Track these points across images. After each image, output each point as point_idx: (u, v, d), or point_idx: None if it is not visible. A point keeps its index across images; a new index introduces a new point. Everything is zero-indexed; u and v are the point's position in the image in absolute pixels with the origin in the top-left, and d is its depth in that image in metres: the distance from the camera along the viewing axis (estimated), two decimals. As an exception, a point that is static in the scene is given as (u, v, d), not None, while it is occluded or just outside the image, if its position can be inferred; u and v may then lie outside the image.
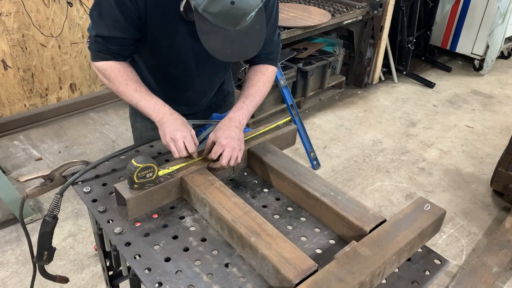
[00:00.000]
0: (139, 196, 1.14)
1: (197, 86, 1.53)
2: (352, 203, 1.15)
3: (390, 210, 2.82)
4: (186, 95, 1.56)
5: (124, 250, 1.07)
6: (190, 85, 1.52)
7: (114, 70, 1.32)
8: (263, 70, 1.49)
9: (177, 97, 1.55)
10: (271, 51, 1.50)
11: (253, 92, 1.43)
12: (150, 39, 1.33)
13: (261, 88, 1.45)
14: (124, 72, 1.33)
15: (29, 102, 3.58)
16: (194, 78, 1.49)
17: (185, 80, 1.49)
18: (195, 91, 1.56)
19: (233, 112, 1.37)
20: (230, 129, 1.30)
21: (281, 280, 0.94)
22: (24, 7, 3.21)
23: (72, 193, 2.74)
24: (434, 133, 3.77)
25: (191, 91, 1.55)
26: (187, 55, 1.39)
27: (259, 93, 1.44)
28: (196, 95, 1.58)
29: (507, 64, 5.26)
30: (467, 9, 4.76)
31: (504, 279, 2.32)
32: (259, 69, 1.49)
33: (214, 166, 1.27)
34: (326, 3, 4.05)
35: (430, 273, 1.04)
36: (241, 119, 1.36)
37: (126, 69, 1.34)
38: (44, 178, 1.27)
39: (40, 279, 1.39)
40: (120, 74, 1.32)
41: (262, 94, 1.45)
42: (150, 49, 1.37)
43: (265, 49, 1.44)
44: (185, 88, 1.53)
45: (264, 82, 1.47)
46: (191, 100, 1.60)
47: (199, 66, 1.45)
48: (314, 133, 3.65)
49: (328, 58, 3.90)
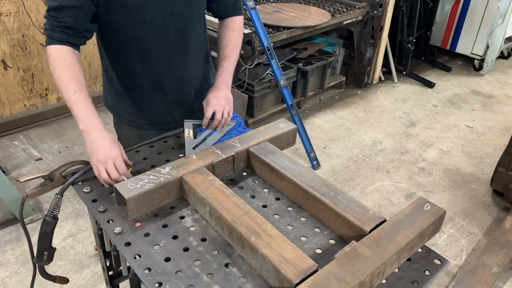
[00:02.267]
0: (139, 196, 1.14)
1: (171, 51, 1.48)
2: (352, 203, 1.15)
3: (390, 210, 2.82)
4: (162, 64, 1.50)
5: (124, 250, 1.07)
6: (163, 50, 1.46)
7: (62, 60, 1.26)
8: (231, 24, 1.58)
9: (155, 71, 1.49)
10: (234, 1, 1.57)
11: (228, 52, 1.54)
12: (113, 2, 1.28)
13: (234, 45, 1.57)
14: (70, 68, 1.27)
15: (29, 102, 3.58)
16: (166, 41, 1.44)
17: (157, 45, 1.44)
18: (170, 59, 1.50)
19: (216, 79, 1.51)
20: (217, 92, 1.45)
21: (281, 280, 0.94)
22: (24, 7, 3.21)
23: (72, 193, 2.74)
24: (434, 133, 3.77)
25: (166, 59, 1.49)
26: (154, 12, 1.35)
27: (233, 50, 1.56)
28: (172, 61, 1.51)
29: (507, 64, 5.26)
30: (467, 9, 4.76)
31: (504, 279, 2.32)
32: (228, 24, 1.58)
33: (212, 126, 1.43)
34: (326, 3, 4.05)
35: (430, 273, 1.04)
36: (226, 81, 1.50)
37: (73, 63, 1.28)
38: (44, 178, 1.27)
39: (40, 279, 1.39)
40: (65, 68, 1.26)
41: (237, 50, 1.57)
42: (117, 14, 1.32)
43: (228, 1, 1.54)
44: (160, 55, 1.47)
45: (236, 37, 1.58)
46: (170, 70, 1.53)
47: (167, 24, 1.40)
48: (314, 133, 3.65)
49: (328, 58, 3.91)
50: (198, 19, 1.51)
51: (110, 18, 1.33)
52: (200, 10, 1.51)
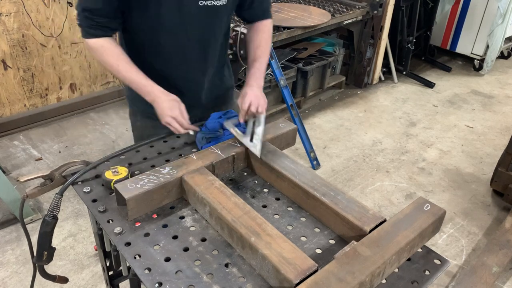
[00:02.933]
0: (139, 196, 1.14)
1: (189, 55, 1.51)
2: (352, 203, 1.15)
3: (390, 210, 2.82)
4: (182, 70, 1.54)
5: (124, 250, 1.07)
6: (181, 54, 1.50)
7: (105, 49, 1.37)
8: (261, 27, 1.60)
9: (173, 74, 1.53)
10: (265, 7, 1.61)
11: (260, 53, 1.56)
12: (135, 10, 1.34)
13: (265, 46, 1.59)
14: (114, 53, 1.38)
15: (29, 102, 3.58)
16: (185, 46, 1.48)
17: (177, 51, 1.48)
18: (189, 63, 1.53)
19: (249, 79, 1.52)
20: (251, 88, 1.46)
21: (281, 280, 0.94)
22: (24, 7, 3.21)
23: (72, 193, 2.74)
24: (434, 133, 3.77)
25: (186, 64, 1.52)
26: (173, 21, 1.39)
27: (265, 52, 1.58)
28: (192, 68, 1.55)
29: (507, 64, 5.26)
30: (467, 9, 4.77)
31: (504, 279, 2.32)
32: (258, 27, 1.61)
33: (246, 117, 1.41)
34: (326, 3, 4.05)
35: (430, 273, 1.04)
36: (258, 81, 1.51)
37: (115, 50, 1.38)
38: (44, 178, 1.27)
39: (40, 279, 1.39)
40: (111, 54, 1.37)
41: (267, 52, 1.60)
42: (138, 20, 1.38)
43: (259, 8, 1.59)
44: (178, 60, 1.50)
45: (266, 39, 1.60)
46: (188, 76, 1.57)
47: (187, 33, 1.44)
48: (314, 133, 3.65)
49: (328, 58, 3.91)
50: (219, 29, 1.54)
51: (131, 22, 1.40)
52: (223, 21, 1.52)
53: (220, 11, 1.45)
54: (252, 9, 1.57)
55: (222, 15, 1.48)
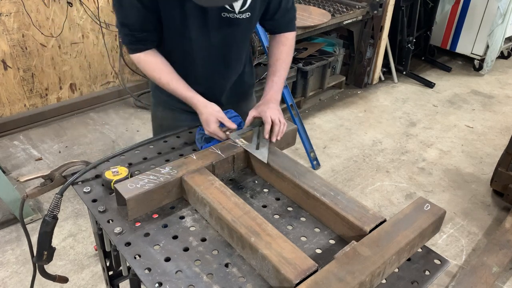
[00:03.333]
0: (139, 196, 1.14)
1: (211, 62, 1.54)
2: (352, 203, 1.15)
3: (390, 210, 2.82)
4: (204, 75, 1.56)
5: (124, 250, 1.07)
6: (204, 61, 1.53)
7: (146, 63, 1.42)
8: (284, 40, 1.59)
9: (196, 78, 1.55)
10: (289, 19, 1.58)
11: (279, 67, 1.55)
12: (164, 18, 1.37)
13: (285, 60, 1.57)
14: (157, 66, 1.42)
15: (29, 102, 3.58)
16: (208, 54, 1.50)
17: (200, 58, 1.51)
18: (211, 69, 1.56)
19: (266, 93, 1.51)
20: (268, 104, 1.43)
21: (281, 280, 0.94)
22: (24, 7, 3.21)
23: (72, 193, 2.74)
24: (434, 133, 3.77)
25: (208, 70, 1.55)
26: (197, 31, 1.41)
27: (284, 66, 1.56)
28: (213, 74, 1.58)
29: (507, 64, 5.26)
30: (467, 9, 4.76)
31: (504, 279, 2.32)
32: (280, 39, 1.59)
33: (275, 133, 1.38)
34: (326, 3, 4.05)
35: (430, 273, 1.04)
36: (275, 96, 1.50)
37: (157, 60, 1.42)
38: (44, 178, 1.27)
39: (40, 279, 1.39)
40: (153, 68, 1.42)
41: (287, 66, 1.58)
42: (166, 29, 1.41)
43: (283, 19, 1.56)
44: (200, 66, 1.53)
45: (287, 52, 1.58)
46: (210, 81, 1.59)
47: (209, 42, 1.46)
48: (314, 133, 3.65)
49: (328, 58, 3.90)
50: (242, 39, 1.55)
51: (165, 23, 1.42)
52: (246, 31, 1.53)
53: (242, 23, 1.46)
54: (274, 20, 1.55)
55: (245, 26, 1.49)
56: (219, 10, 1.38)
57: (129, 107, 3.95)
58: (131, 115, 3.82)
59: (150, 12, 1.33)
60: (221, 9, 1.38)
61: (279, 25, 1.58)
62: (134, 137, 3.48)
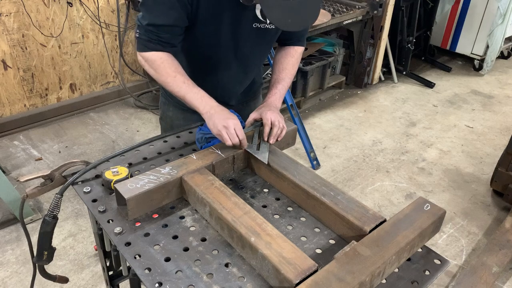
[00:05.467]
0: (139, 196, 1.14)
1: (232, 69, 1.56)
2: (352, 203, 1.15)
3: (390, 210, 2.82)
4: (222, 80, 1.59)
5: (124, 250, 1.07)
6: (226, 68, 1.55)
7: (163, 61, 1.38)
8: (293, 52, 1.61)
9: (212, 82, 1.57)
10: (302, 33, 1.62)
11: (284, 76, 1.57)
12: (198, 24, 1.37)
13: (291, 70, 1.59)
14: (172, 64, 1.39)
15: (29, 102, 3.58)
16: (231, 61, 1.53)
17: (221, 64, 1.53)
18: (230, 76, 1.59)
19: (268, 98, 1.51)
20: (269, 108, 1.44)
21: (281, 280, 0.94)
22: (24, 7, 3.21)
23: (72, 193, 2.74)
24: (434, 133, 3.77)
25: (227, 76, 1.58)
26: (227, 38, 1.44)
27: (289, 75, 1.58)
28: (231, 80, 1.61)
29: (507, 64, 5.26)
30: (467, 9, 4.76)
31: (504, 279, 2.32)
32: (289, 51, 1.61)
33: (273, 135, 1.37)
34: (326, 3, 4.05)
35: (430, 273, 1.04)
36: (276, 103, 1.50)
37: (173, 62, 1.40)
38: (44, 178, 1.27)
39: (40, 279, 1.39)
40: (168, 66, 1.38)
41: (292, 76, 1.60)
42: (194, 34, 1.41)
43: (297, 32, 1.58)
44: (221, 72, 1.56)
45: (293, 64, 1.61)
46: (226, 86, 1.62)
47: (236, 50, 1.49)
48: (314, 133, 3.65)
49: (328, 58, 3.91)
50: (266, 48, 1.59)
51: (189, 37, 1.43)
52: (270, 41, 1.57)
53: (270, 33, 1.49)
54: (287, 33, 1.57)
55: (271, 37, 1.53)
56: (252, 21, 1.41)
57: (129, 107, 3.96)
58: (131, 115, 3.82)
59: (184, 17, 1.33)
60: (253, 19, 1.41)
61: (292, 38, 1.61)
62: (134, 137, 3.48)
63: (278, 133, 1.39)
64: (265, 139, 1.39)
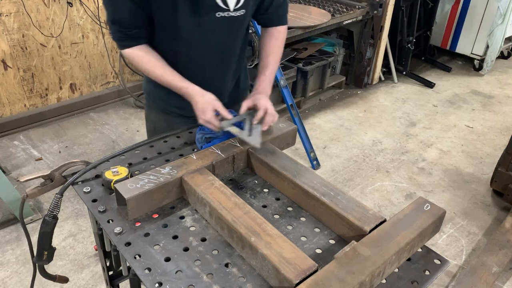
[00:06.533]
0: (139, 196, 1.14)
1: (208, 64, 1.53)
2: (352, 203, 1.15)
3: (390, 210, 2.82)
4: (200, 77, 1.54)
5: (124, 250, 1.07)
6: (201, 63, 1.52)
7: (139, 58, 1.41)
8: (276, 33, 1.59)
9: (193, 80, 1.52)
10: (282, 13, 1.59)
11: (270, 60, 1.56)
12: (155, 17, 1.36)
13: (277, 53, 1.58)
14: (149, 59, 1.41)
15: (29, 102, 3.58)
16: (204, 58, 1.50)
17: (195, 60, 1.50)
18: (207, 71, 1.55)
19: (257, 85, 1.50)
20: (261, 95, 1.43)
21: (281, 280, 0.94)
22: (24, 7, 3.21)
23: (72, 193, 2.74)
24: (434, 133, 3.77)
25: (204, 72, 1.54)
26: (190, 31, 1.40)
27: (276, 59, 1.57)
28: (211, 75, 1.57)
29: (507, 64, 5.26)
30: (467, 9, 4.77)
31: (504, 279, 2.32)
32: (272, 33, 1.59)
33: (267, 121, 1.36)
34: (326, 3, 4.05)
35: (430, 273, 1.04)
36: (266, 89, 1.50)
37: (148, 56, 1.41)
38: (44, 178, 1.27)
39: (40, 279, 1.39)
40: (145, 61, 1.41)
41: (278, 59, 1.59)
42: (158, 30, 1.41)
43: (275, 13, 1.56)
44: (197, 68, 1.52)
45: (279, 46, 1.59)
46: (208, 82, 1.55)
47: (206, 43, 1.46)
48: (314, 133, 3.65)
49: (328, 58, 3.91)
50: (238, 38, 1.54)
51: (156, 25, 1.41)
52: (241, 30, 1.52)
53: (238, 21, 1.45)
54: (267, 14, 1.55)
55: (240, 24, 1.48)
56: (214, 10, 1.37)
57: (129, 107, 3.96)
58: (131, 115, 3.82)
59: (141, 8, 1.31)
60: (215, 8, 1.36)
61: (272, 19, 1.58)
62: (134, 137, 3.48)
63: (271, 120, 1.38)
64: (254, 122, 1.37)
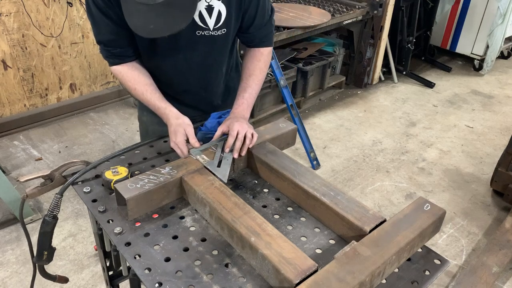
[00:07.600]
0: (139, 196, 1.14)
1: (192, 82, 1.53)
2: (352, 203, 1.15)
3: (390, 210, 2.82)
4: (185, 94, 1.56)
5: (124, 250, 1.07)
6: (183, 81, 1.51)
7: (123, 75, 1.41)
8: (258, 55, 1.52)
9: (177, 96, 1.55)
10: (264, 34, 1.50)
11: (251, 83, 1.48)
12: (136, 37, 1.35)
13: (258, 76, 1.50)
14: (132, 77, 1.40)
15: (29, 102, 3.58)
16: (187, 74, 1.49)
17: (177, 75, 1.49)
18: (191, 88, 1.55)
19: (235, 109, 1.44)
20: (237, 119, 1.37)
21: (281, 280, 0.94)
22: (24, 7, 3.21)
23: (72, 193, 2.74)
24: (434, 133, 3.77)
25: (188, 88, 1.54)
26: (171, 49, 1.40)
27: (257, 82, 1.49)
28: (194, 93, 1.57)
29: (507, 64, 5.26)
30: (467, 9, 4.77)
31: (504, 279, 2.32)
32: (254, 54, 1.52)
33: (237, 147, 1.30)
34: (326, 3, 4.05)
35: (430, 273, 1.04)
36: (244, 113, 1.43)
37: (132, 73, 1.40)
38: (44, 178, 1.27)
39: (40, 279, 1.39)
40: (128, 79, 1.40)
41: (260, 82, 1.51)
42: (140, 47, 1.41)
43: (258, 34, 1.48)
44: (180, 85, 1.53)
45: (261, 68, 1.51)
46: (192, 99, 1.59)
47: (188, 60, 1.45)
48: (314, 133, 3.65)
49: (328, 58, 3.91)
50: (221, 54, 1.51)
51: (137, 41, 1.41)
52: (224, 47, 1.49)
53: (220, 39, 1.42)
54: (249, 34, 1.48)
55: (223, 42, 1.44)
56: (193, 29, 1.34)
57: (129, 107, 3.96)
58: (131, 115, 3.82)
59: (122, 28, 1.28)
60: (194, 27, 1.34)
61: (253, 40, 1.51)
62: (134, 137, 3.48)
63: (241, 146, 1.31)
64: (226, 151, 1.31)
